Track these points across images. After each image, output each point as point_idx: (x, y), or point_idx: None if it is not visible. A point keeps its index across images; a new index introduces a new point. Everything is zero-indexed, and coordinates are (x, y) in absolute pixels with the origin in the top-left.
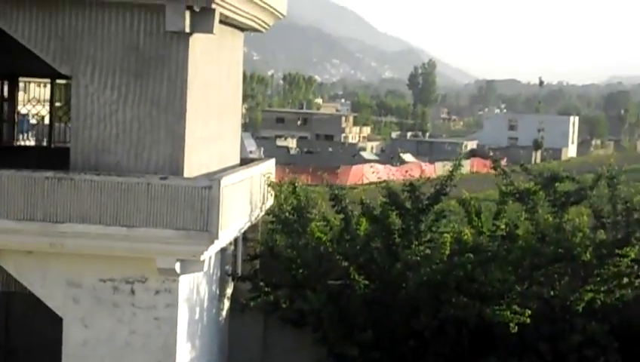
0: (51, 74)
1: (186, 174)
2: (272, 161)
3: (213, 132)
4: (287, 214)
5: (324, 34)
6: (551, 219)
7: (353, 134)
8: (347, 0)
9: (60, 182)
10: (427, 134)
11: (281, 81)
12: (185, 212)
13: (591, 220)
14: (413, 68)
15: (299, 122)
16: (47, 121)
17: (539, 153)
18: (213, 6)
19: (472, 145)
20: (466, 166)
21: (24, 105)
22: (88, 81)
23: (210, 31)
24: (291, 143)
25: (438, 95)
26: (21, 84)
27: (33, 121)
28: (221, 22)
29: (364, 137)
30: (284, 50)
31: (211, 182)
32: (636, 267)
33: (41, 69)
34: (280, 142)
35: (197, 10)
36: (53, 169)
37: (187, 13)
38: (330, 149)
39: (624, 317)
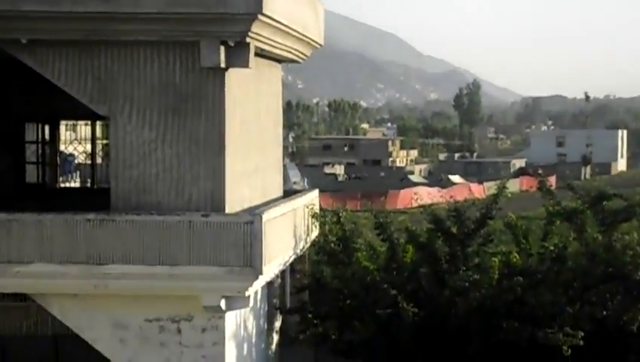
0: (91, 115)
1: (227, 210)
2: (316, 192)
3: (254, 165)
4: (332, 245)
5: (368, 59)
6: (600, 237)
7: (400, 158)
8: (389, 24)
9: (101, 224)
10: (475, 154)
11: (327, 109)
12: (228, 248)
13: None
14: (458, 89)
15: (346, 148)
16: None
17: (588, 168)
18: (248, 40)
19: (520, 163)
20: (516, 184)
21: (67, 146)
22: (126, 121)
23: (245, 65)
24: (339, 170)
25: (484, 115)
26: (69, 124)
27: (78, 161)
28: (257, 55)
29: (411, 160)
30: (329, 77)
31: (253, 217)
32: None
33: (81, 111)
34: (328, 170)
35: (231, 44)
36: (96, 210)
37: (222, 49)
38: (382, 174)
39: None
